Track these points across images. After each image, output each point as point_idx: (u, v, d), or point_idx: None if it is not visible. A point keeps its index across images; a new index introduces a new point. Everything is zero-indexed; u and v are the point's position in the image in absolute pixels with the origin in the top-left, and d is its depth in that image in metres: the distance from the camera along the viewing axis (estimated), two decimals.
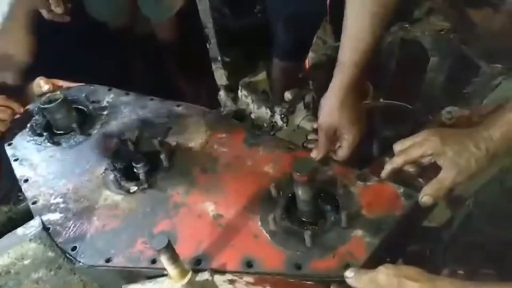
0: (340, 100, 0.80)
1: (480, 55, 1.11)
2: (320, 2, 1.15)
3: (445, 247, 0.93)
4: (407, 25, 1.19)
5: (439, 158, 0.69)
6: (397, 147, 0.74)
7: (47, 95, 0.97)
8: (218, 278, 0.68)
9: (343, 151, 0.80)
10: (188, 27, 1.46)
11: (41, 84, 1.03)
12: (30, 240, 0.71)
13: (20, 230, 0.73)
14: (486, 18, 1.27)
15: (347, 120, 0.79)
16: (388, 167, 0.72)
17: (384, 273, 0.57)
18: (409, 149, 0.71)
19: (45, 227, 0.75)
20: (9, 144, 0.97)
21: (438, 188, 0.68)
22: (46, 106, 0.95)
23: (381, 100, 1.14)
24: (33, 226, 0.73)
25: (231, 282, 0.68)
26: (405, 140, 0.74)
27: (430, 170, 0.72)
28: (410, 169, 0.74)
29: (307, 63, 1.14)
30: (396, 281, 0.56)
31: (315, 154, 0.79)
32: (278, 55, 1.25)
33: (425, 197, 0.68)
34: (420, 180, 0.75)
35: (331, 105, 0.80)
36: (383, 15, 0.79)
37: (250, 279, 0.67)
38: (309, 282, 0.65)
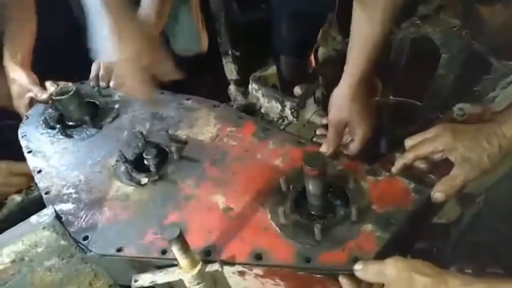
0: (351, 95, 0.80)
1: (492, 52, 1.10)
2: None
3: (453, 244, 0.93)
4: (418, 22, 1.18)
5: (450, 154, 0.69)
6: (408, 142, 0.74)
7: (59, 86, 0.98)
8: (227, 270, 0.68)
9: (354, 146, 0.80)
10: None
11: (48, 87, 1.05)
12: (44, 228, 0.72)
13: (33, 218, 0.74)
14: (497, 15, 1.25)
15: (358, 114, 0.79)
16: (400, 162, 0.72)
17: (393, 266, 0.57)
18: (420, 145, 0.71)
19: (58, 216, 0.76)
20: (23, 136, 0.99)
21: (451, 184, 0.68)
22: (58, 97, 0.96)
23: (391, 97, 1.13)
24: (46, 215, 0.74)
25: (241, 273, 0.69)
26: (416, 135, 0.74)
27: (441, 166, 0.72)
28: (421, 165, 0.74)
29: (313, 58, 1.14)
30: (406, 275, 0.56)
31: (325, 149, 0.79)
32: (283, 52, 1.26)
33: (437, 193, 0.68)
34: (431, 176, 0.75)
35: (342, 100, 0.80)
36: (391, 9, 0.79)
37: (259, 271, 0.67)
38: (318, 275, 0.65)
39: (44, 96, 1.06)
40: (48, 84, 1.06)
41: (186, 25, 1.40)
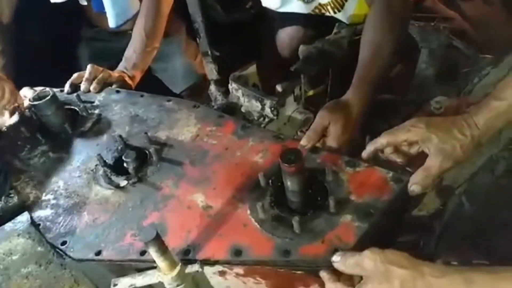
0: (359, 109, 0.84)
1: (470, 46, 1.12)
2: None
3: (437, 237, 0.93)
4: None
5: (424, 145, 0.69)
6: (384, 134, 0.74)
7: (37, 92, 0.97)
8: (208, 270, 0.67)
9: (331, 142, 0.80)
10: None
11: (27, 94, 1.04)
12: (19, 235, 0.71)
13: (8, 226, 0.72)
14: (476, 10, 1.27)
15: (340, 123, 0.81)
16: (371, 147, 0.72)
17: (370, 259, 0.56)
18: (394, 131, 0.72)
19: (33, 222, 0.74)
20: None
21: (425, 176, 0.68)
22: (35, 102, 0.95)
23: None
24: (21, 222, 0.73)
25: (221, 273, 0.68)
26: (392, 129, 0.74)
27: (418, 160, 0.72)
28: (398, 159, 0.74)
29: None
30: (383, 268, 0.55)
31: (305, 142, 0.78)
32: None
33: (413, 186, 0.68)
34: (408, 169, 0.75)
35: (344, 104, 0.83)
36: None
37: (240, 270, 0.66)
38: (299, 272, 0.64)
39: (25, 103, 1.04)
40: (25, 90, 1.04)
41: (179, 66, 1.44)
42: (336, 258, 0.59)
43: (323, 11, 1.19)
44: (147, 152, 0.87)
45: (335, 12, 1.18)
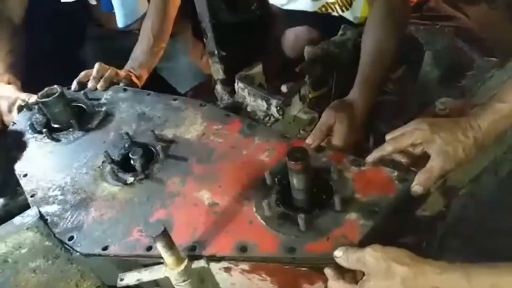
0: (363, 107, 0.85)
1: (474, 48, 1.12)
2: None
3: (440, 238, 0.93)
4: None
5: (428, 146, 0.70)
6: (388, 136, 0.75)
7: (45, 89, 0.98)
8: (214, 266, 0.68)
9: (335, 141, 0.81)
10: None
11: (31, 95, 1.06)
12: (27, 229, 0.71)
13: (17, 219, 0.73)
14: (482, 14, 1.28)
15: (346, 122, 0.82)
16: (377, 153, 0.72)
17: (372, 256, 0.56)
18: (399, 137, 0.72)
19: (42, 217, 0.75)
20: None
21: (428, 177, 0.68)
22: (44, 99, 0.96)
23: None
24: (30, 215, 0.73)
25: (227, 269, 0.69)
26: (396, 130, 0.75)
27: (422, 161, 0.73)
28: (403, 159, 0.75)
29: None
30: (385, 265, 0.56)
31: (311, 141, 0.79)
32: None
33: (415, 186, 0.69)
34: (413, 169, 0.75)
35: (349, 103, 0.84)
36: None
37: (245, 266, 0.67)
38: (304, 269, 0.65)
39: (32, 99, 1.06)
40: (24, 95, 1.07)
41: (185, 66, 1.45)
42: (338, 253, 0.60)
43: (329, 10, 1.20)
44: (153, 149, 0.88)
45: (342, 11, 1.19)
